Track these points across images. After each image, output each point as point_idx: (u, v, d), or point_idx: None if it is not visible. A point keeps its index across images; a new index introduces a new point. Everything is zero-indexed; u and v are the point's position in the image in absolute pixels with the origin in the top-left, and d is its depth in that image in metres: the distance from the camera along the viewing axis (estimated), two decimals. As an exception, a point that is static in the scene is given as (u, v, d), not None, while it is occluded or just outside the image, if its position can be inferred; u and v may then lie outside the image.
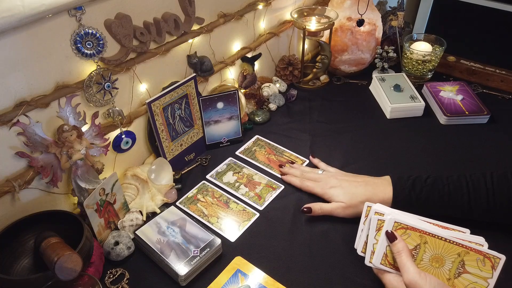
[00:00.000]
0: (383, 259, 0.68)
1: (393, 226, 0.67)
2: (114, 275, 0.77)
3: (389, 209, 0.71)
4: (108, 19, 0.76)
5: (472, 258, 0.64)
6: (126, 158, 0.93)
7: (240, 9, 1.07)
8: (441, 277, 0.65)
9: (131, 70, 0.85)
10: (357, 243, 0.74)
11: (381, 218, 0.68)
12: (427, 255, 0.66)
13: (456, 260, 0.64)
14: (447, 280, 0.65)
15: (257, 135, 1.11)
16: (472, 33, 1.88)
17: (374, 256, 0.68)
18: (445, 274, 0.65)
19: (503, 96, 1.23)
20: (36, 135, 0.71)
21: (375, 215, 0.69)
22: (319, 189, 0.89)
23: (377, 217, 0.68)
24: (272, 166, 1.00)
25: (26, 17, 0.61)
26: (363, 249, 0.70)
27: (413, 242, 0.66)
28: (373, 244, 0.69)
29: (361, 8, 1.25)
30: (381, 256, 0.68)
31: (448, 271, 0.65)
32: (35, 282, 0.64)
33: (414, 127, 1.13)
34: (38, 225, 0.74)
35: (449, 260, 0.65)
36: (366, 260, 0.70)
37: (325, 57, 1.26)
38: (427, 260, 0.66)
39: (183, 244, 0.79)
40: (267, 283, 0.74)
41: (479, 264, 0.63)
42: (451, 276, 0.65)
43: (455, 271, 0.65)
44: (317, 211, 0.85)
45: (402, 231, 0.67)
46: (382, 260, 0.68)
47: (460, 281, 0.65)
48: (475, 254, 0.63)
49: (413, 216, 0.70)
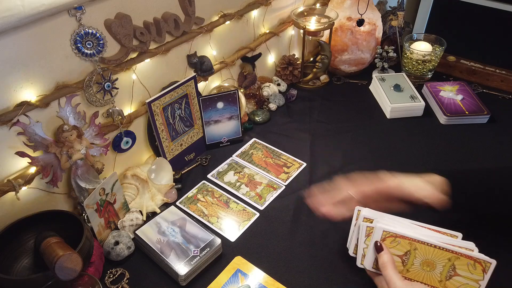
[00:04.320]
0: (374, 263, 0.68)
1: (382, 234, 0.67)
2: (114, 275, 0.77)
3: (378, 213, 0.71)
4: (108, 19, 0.76)
5: (463, 262, 0.64)
6: (126, 158, 0.93)
7: (240, 9, 1.07)
8: (433, 279, 0.66)
9: (131, 70, 0.85)
10: (348, 244, 0.74)
11: (369, 225, 0.68)
12: (418, 260, 0.66)
13: (446, 265, 0.65)
14: (438, 282, 0.66)
15: (256, 136, 1.11)
16: (472, 33, 1.88)
17: (365, 260, 0.69)
18: (436, 276, 0.66)
19: (503, 96, 1.23)
20: (36, 135, 0.71)
21: (363, 222, 0.69)
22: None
23: (366, 224, 0.68)
24: (269, 169, 1.00)
25: (26, 17, 0.61)
26: (354, 250, 0.71)
27: (403, 248, 0.66)
28: (363, 248, 0.69)
29: (361, 8, 1.25)
30: (372, 260, 0.68)
31: (439, 274, 0.65)
32: (35, 282, 0.64)
33: (414, 127, 1.13)
34: (38, 225, 0.74)
35: (440, 265, 0.65)
36: (357, 261, 0.70)
37: (325, 57, 1.26)
38: (418, 264, 0.67)
39: (183, 244, 0.79)
40: (267, 283, 0.74)
41: (469, 268, 0.63)
42: (442, 278, 0.65)
43: (446, 274, 0.65)
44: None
45: (391, 239, 0.67)
46: (374, 264, 0.68)
47: (451, 282, 0.65)
48: (465, 259, 0.63)
49: (403, 220, 0.70)
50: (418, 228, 0.69)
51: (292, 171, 1.00)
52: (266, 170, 1.00)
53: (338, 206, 0.74)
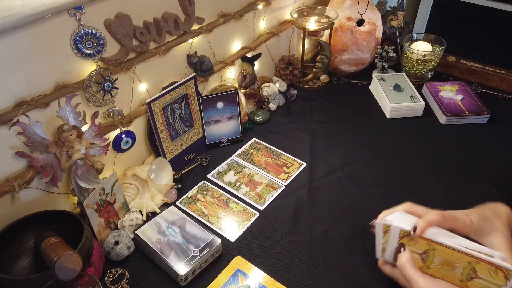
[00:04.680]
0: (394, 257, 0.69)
1: (400, 233, 0.67)
2: (114, 275, 0.77)
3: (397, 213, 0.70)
4: (108, 19, 0.76)
5: (483, 267, 0.62)
6: (126, 158, 0.93)
7: (240, 9, 1.07)
8: (454, 278, 0.65)
9: (131, 70, 0.85)
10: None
11: (386, 223, 0.68)
12: (437, 259, 0.65)
13: (467, 267, 0.63)
14: (459, 281, 0.65)
15: (256, 136, 1.11)
16: (472, 33, 1.88)
17: (385, 253, 0.70)
18: (457, 276, 0.65)
19: (503, 96, 1.23)
20: (36, 135, 0.71)
21: (379, 221, 0.70)
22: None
23: (382, 222, 0.69)
24: (269, 169, 1.00)
25: (26, 17, 0.61)
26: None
27: (421, 247, 0.66)
28: (382, 243, 0.70)
29: (361, 8, 1.25)
30: (392, 253, 0.69)
31: (460, 274, 0.64)
32: (35, 282, 0.64)
33: (414, 127, 1.13)
34: (38, 225, 0.74)
35: (460, 266, 0.63)
36: (377, 254, 0.71)
37: (325, 57, 1.26)
38: (437, 263, 0.66)
39: (183, 244, 0.79)
40: (267, 283, 0.74)
41: (491, 273, 0.61)
42: (463, 278, 0.64)
43: (467, 275, 0.64)
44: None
45: (409, 238, 0.66)
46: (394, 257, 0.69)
47: (473, 283, 0.63)
48: (486, 265, 0.61)
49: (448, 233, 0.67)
50: (453, 237, 0.66)
51: (292, 171, 1.00)
52: (266, 170, 1.00)
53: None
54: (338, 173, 0.98)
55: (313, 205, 0.91)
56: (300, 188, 0.95)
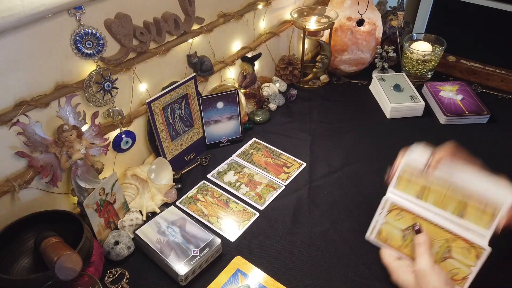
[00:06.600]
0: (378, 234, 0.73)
1: (390, 206, 0.71)
2: (114, 274, 0.77)
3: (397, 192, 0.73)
4: (108, 19, 0.76)
5: (459, 245, 0.67)
6: (126, 158, 0.93)
7: (240, 9, 1.07)
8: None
9: (131, 70, 0.85)
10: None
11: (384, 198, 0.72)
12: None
13: (443, 245, 0.67)
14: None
15: (256, 136, 1.11)
16: (472, 33, 1.88)
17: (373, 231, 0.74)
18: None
19: (503, 96, 1.23)
20: (36, 135, 0.71)
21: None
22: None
23: (384, 197, 0.72)
24: (269, 169, 1.00)
25: (26, 17, 0.61)
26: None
27: (406, 222, 0.70)
28: (376, 221, 0.73)
29: (361, 8, 1.25)
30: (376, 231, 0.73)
31: (435, 254, 0.68)
32: (35, 282, 0.64)
33: (414, 127, 1.13)
34: (38, 225, 0.74)
35: (437, 245, 0.68)
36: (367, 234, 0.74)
37: (325, 57, 1.26)
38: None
39: (183, 244, 0.79)
40: (267, 283, 0.74)
41: (464, 252, 0.66)
42: (437, 259, 0.68)
43: (441, 255, 0.68)
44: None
45: (397, 212, 0.71)
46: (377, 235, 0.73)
47: (444, 265, 0.68)
48: (461, 242, 0.66)
49: (418, 201, 0.71)
50: (425, 210, 0.70)
51: (292, 171, 1.00)
52: (266, 170, 1.00)
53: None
54: (338, 173, 0.98)
55: (313, 205, 0.91)
56: (300, 188, 0.95)
